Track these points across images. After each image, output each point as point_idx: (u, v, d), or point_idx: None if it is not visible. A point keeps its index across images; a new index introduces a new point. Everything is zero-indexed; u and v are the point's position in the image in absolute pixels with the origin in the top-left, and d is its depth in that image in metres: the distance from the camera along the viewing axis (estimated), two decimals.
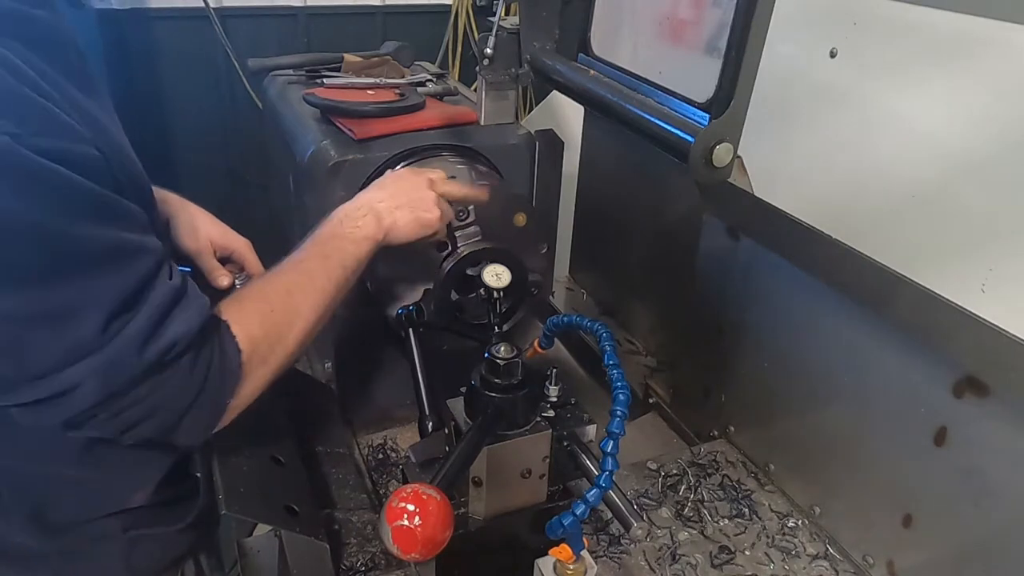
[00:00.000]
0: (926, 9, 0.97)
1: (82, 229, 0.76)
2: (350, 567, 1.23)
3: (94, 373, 0.77)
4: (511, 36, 1.64)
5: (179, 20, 2.82)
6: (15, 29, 0.78)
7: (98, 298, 0.77)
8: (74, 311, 0.76)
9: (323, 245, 1.09)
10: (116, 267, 0.79)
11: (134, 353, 0.79)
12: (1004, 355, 0.89)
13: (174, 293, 0.84)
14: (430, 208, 1.20)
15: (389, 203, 1.17)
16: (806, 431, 1.31)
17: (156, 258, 0.84)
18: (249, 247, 1.30)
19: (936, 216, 0.98)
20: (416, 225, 1.18)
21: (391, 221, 1.15)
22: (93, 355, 0.77)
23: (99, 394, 0.79)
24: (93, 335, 0.77)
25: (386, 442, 1.62)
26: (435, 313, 1.38)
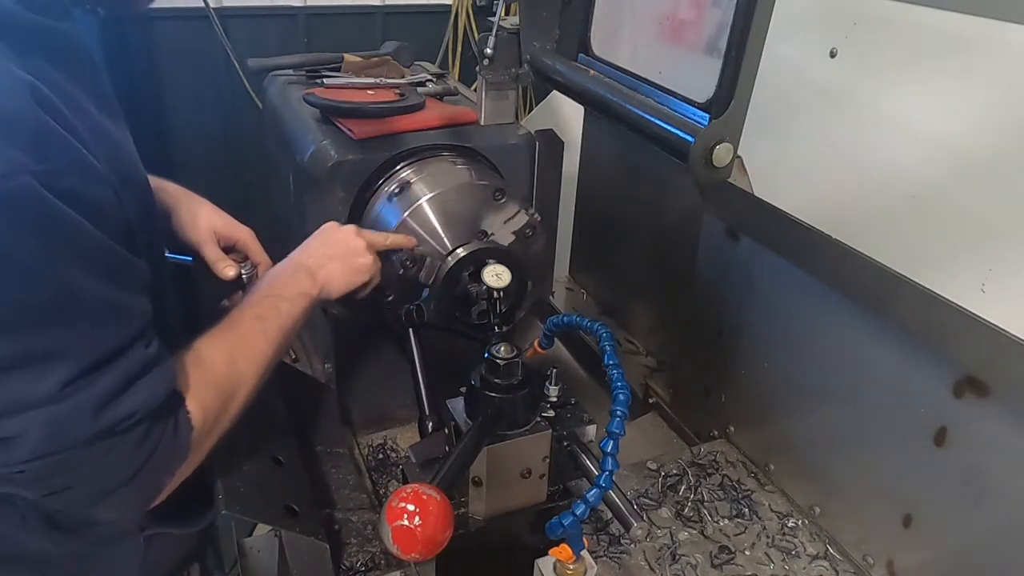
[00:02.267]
0: (926, 9, 0.97)
1: (80, 280, 0.74)
2: (350, 567, 1.23)
3: (41, 426, 0.73)
4: (511, 36, 1.64)
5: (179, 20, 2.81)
6: (40, 45, 0.77)
7: (70, 352, 0.74)
8: (42, 361, 0.73)
9: (258, 307, 1.07)
10: (100, 324, 0.77)
11: (88, 416, 0.75)
12: (1004, 355, 0.89)
13: (147, 362, 0.81)
14: (361, 254, 1.22)
15: (319, 258, 1.18)
16: (806, 431, 1.31)
17: (141, 323, 0.82)
18: (252, 236, 1.30)
19: (936, 216, 0.98)
20: (350, 273, 1.20)
21: (324, 274, 1.16)
22: (45, 407, 0.73)
23: (39, 450, 0.74)
24: (55, 388, 0.73)
25: (386, 442, 1.62)
26: (435, 313, 1.38)
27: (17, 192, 0.68)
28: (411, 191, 1.45)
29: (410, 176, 1.49)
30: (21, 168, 0.68)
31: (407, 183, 1.47)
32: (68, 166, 0.73)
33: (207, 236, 1.25)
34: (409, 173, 1.50)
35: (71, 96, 0.78)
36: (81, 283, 0.74)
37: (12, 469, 0.76)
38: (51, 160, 0.71)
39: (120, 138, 0.90)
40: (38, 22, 0.78)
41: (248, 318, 1.04)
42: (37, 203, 0.69)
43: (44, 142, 0.71)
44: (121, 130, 0.91)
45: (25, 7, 0.76)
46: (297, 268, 1.16)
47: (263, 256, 1.31)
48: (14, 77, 0.71)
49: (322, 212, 1.50)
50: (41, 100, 0.72)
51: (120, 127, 0.91)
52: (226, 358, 0.96)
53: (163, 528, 1.07)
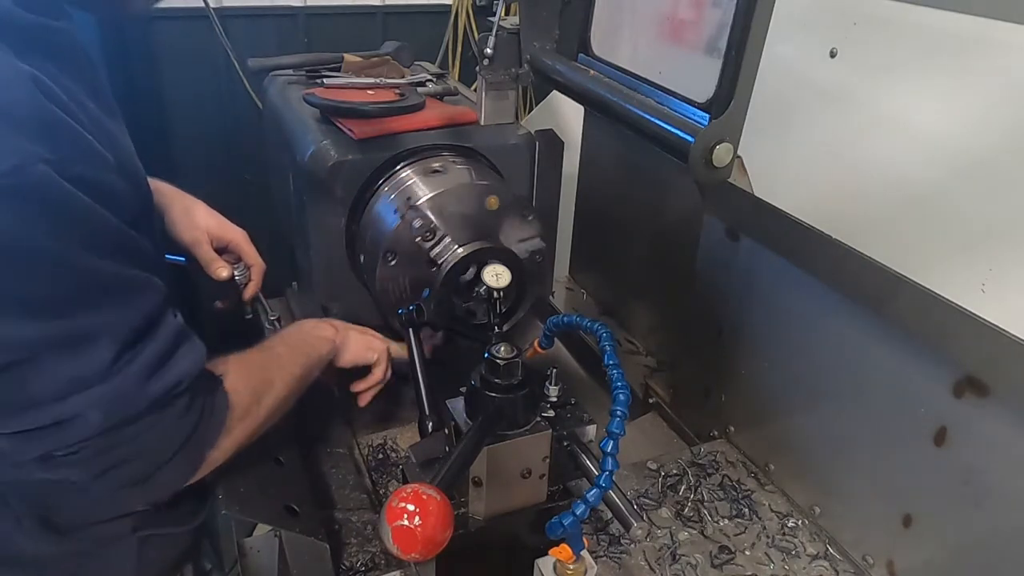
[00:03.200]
0: (926, 9, 0.97)
1: (100, 262, 0.77)
2: (350, 567, 1.23)
3: (98, 403, 0.77)
4: (511, 36, 1.64)
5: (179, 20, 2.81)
6: (38, 44, 0.78)
7: (109, 330, 0.78)
8: (87, 341, 0.76)
9: (289, 338, 1.18)
10: (128, 300, 0.80)
11: (140, 386, 0.80)
12: (1004, 355, 0.89)
13: (179, 331, 0.86)
14: (379, 339, 1.36)
15: (342, 324, 1.32)
16: (806, 431, 1.31)
17: (162, 295, 0.85)
18: (246, 238, 1.31)
19: (936, 216, 0.98)
20: (365, 347, 1.32)
21: (344, 335, 1.29)
22: (99, 385, 0.77)
23: (99, 426, 0.78)
24: (102, 366, 0.77)
25: (386, 442, 1.62)
26: (435, 313, 1.38)
27: (34, 182, 0.69)
28: (411, 191, 1.45)
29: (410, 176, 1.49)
30: (35, 158, 0.69)
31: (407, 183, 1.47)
32: (77, 154, 0.75)
33: (201, 237, 1.26)
34: (409, 173, 1.50)
35: (71, 91, 0.79)
36: (102, 264, 0.77)
37: (69, 451, 0.79)
38: (61, 149, 0.72)
39: (118, 135, 0.91)
40: (36, 21, 0.79)
41: (280, 344, 1.14)
42: (54, 191, 0.71)
43: (53, 131, 0.72)
44: (119, 127, 0.92)
45: (23, 7, 0.77)
46: (323, 323, 1.29)
47: (256, 258, 1.32)
48: (16, 70, 0.72)
49: (322, 212, 1.50)
50: (45, 91, 0.73)
51: (118, 124, 0.92)
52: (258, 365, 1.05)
53: (157, 528, 1.07)
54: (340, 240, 1.53)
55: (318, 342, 1.21)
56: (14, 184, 0.68)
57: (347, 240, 1.54)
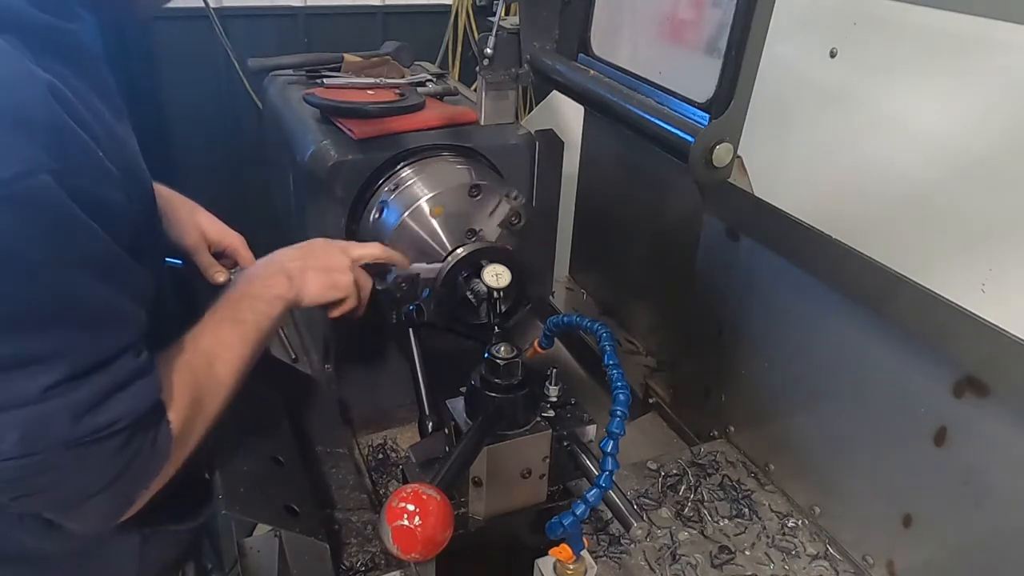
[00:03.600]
0: (926, 9, 0.97)
1: (84, 284, 0.74)
2: (350, 567, 1.23)
3: (18, 426, 0.73)
4: (511, 36, 1.64)
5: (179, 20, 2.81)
6: (53, 45, 0.77)
7: (62, 356, 0.74)
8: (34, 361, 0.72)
9: (235, 307, 1.06)
10: (96, 330, 0.77)
11: (67, 420, 0.74)
12: (1004, 355, 0.89)
13: (135, 371, 0.80)
14: (343, 271, 1.19)
15: (300, 263, 1.16)
16: (806, 431, 1.31)
17: (136, 333, 0.81)
18: (243, 243, 1.30)
19: (936, 216, 0.98)
20: (327, 286, 1.17)
21: (301, 281, 1.14)
22: (23, 408, 0.72)
23: (16, 450, 0.73)
24: (36, 390, 0.72)
25: (386, 442, 1.62)
26: (435, 313, 1.38)
27: (34, 191, 0.68)
28: (410, 191, 1.45)
29: (409, 176, 1.49)
30: (40, 166, 0.68)
31: (406, 183, 1.47)
32: (83, 166, 0.73)
33: (199, 241, 1.25)
34: (409, 173, 1.50)
35: (84, 96, 0.79)
36: (84, 287, 0.74)
37: None
38: (68, 159, 0.71)
39: (125, 138, 0.90)
40: (50, 23, 0.78)
41: (227, 320, 1.04)
42: (52, 203, 0.69)
43: (62, 141, 0.71)
44: (126, 130, 0.92)
45: (38, 8, 0.76)
46: (276, 271, 1.14)
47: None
48: (34, 76, 0.71)
49: (322, 212, 1.50)
50: (60, 99, 0.72)
51: (125, 127, 0.92)
52: (204, 363, 0.96)
53: (160, 526, 1.07)
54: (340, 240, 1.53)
55: (271, 303, 1.09)
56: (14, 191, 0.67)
57: (347, 240, 1.54)
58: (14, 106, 0.69)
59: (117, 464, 0.81)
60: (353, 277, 1.20)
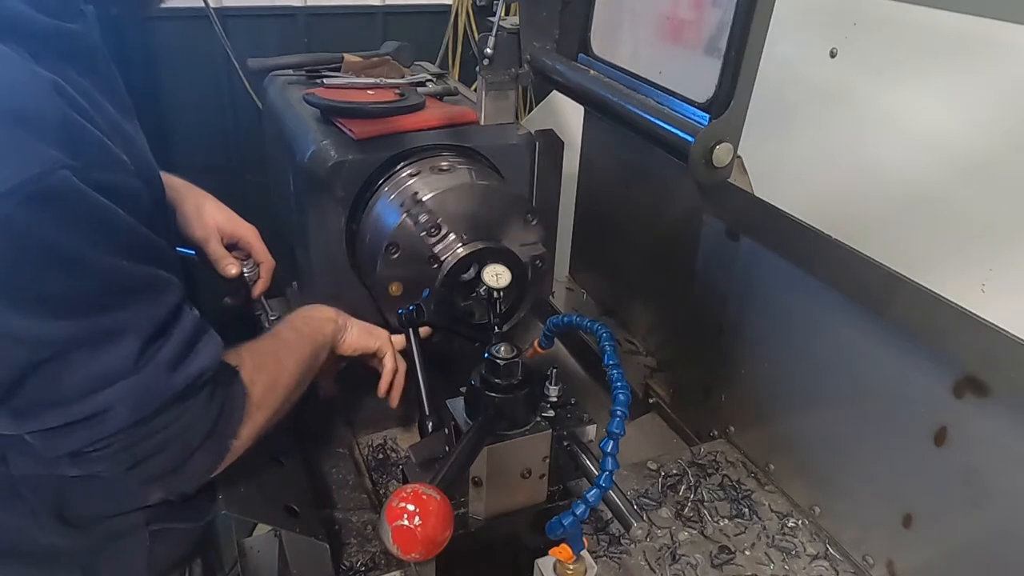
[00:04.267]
0: (926, 9, 0.97)
1: (121, 262, 0.79)
2: (350, 567, 1.23)
3: (127, 396, 0.79)
4: (511, 36, 1.64)
5: (179, 20, 2.81)
6: (56, 47, 0.79)
7: (134, 326, 0.80)
8: (111, 338, 0.78)
9: (293, 322, 1.19)
10: (149, 297, 0.83)
11: (165, 378, 0.82)
12: (1004, 355, 0.89)
13: (198, 324, 0.88)
14: (379, 329, 1.34)
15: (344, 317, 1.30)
16: (806, 431, 1.31)
17: (180, 291, 0.88)
18: (256, 235, 1.31)
19: (936, 216, 0.99)
20: (366, 331, 1.31)
21: (345, 320, 1.28)
22: (127, 379, 0.79)
23: (128, 418, 0.80)
24: (129, 361, 0.79)
25: (386, 442, 1.62)
26: (435, 313, 1.38)
27: (57, 187, 0.71)
28: (411, 191, 1.45)
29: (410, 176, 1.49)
30: (58, 164, 0.71)
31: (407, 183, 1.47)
32: (97, 159, 0.77)
33: (211, 233, 1.26)
34: (409, 173, 1.50)
35: (89, 94, 0.81)
36: (123, 264, 0.79)
37: (99, 445, 0.81)
38: (82, 154, 0.74)
39: (134, 135, 0.92)
40: (53, 25, 0.80)
41: (287, 329, 1.15)
42: (76, 196, 0.73)
43: (74, 137, 0.74)
44: (134, 127, 0.94)
45: (39, 10, 0.77)
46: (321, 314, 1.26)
47: (266, 255, 1.32)
48: (38, 76, 0.73)
49: (322, 212, 1.50)
50: (65, 97, 0.75)
51: (133, 124, 0.94)
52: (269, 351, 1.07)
53: (169, 523, 1.08)
54: (340, 240, 1.53)
55: (322, 324, 1.22)
56: (38, 190, 0.70)
57: (347, 240, 1.54)
58: (22, 108, 0.71)
59: (209, 416, 0.89)
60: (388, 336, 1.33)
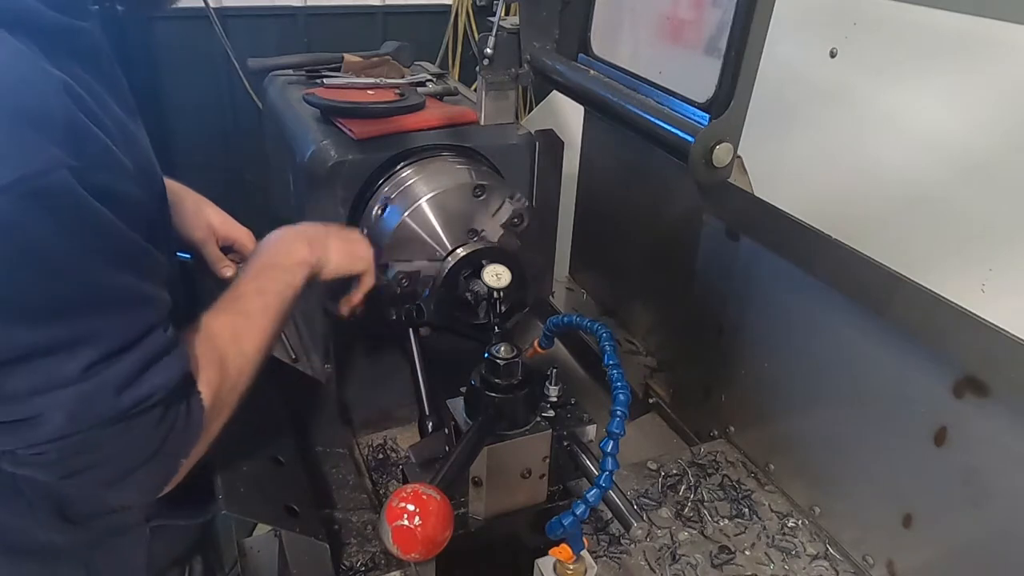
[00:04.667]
0: (926, 9, 0.97)
1: (106, 271, 0.77)
2: (350, 567, 1.23)
3: (64, 406, 0.76)
4: (511, 36, 1.64)
5: (179, 20, 2.81)
6: (66, 44, 0.78)
7: (97, 338, 0.77)
8: (70, 345, 0.75)
9: (258, 279, 1.08)
10: (124, 312, 0.80)
11: (110, 395, 0.78)
12: (1004, 355, 0.89)
13: (164, 345, 0.84)
14: (361, 245, 1.22)
15: (320, 232, 1.19)
16: (806, 431, 1.31)
17: (161, 312, 0.85)
18: (251, 237, 1.30)
19: (936, 216, 0.99)
20: (348, 256, 1.20)
21: (323, 246, 1.16)
22: (67, 388, 0.76)
23: (63, 429, 0.77)
24: (76, 370, 0.76)
25: (386, 442, 1.62)
26: (435, 313, 1.38)
27: (54, 187, 0.70)
28: (411, 191, 1.45)
29: (410, 176, 1.49)
30: (59, 163, 0.70)
31: (407, 183, 1.47)
32: (100, 162, 0.76)
33: (207, 235, 1.26)
34: (409, 173, 1.50)
35: (97, 94, 0.80)
36: (109, 275, 0.77)
37: (33, 451, 0.78)
38: (85, 156, 0.73)
39: (138, 136, 0.91)
40: (62, 22, 0.79)
41: (249, 292, 1.05)
42: (72, 198, 0.71)
43: (78, 138, 0.73)
44: (138, 127, 0.93)
45: (49, 7, 0.77)
46: (296, 237, 1.16)
47: None
48: (48, 75, 0.72)
49: (322, 212, 1.50)
50: (74, 97, 0.74)
51: (137, 125, 0.93)
52: (230, 337, 0.98)
53: (169, 519, 1.08)
54: None
55: (293, 271, 1.10)
56: (35, 188, 0.69)
57: None
58: (30, 105, 0.70)
59: (157, 436, 0.84)
60: (371, 254, 1.22)
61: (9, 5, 0.73)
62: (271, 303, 1.05)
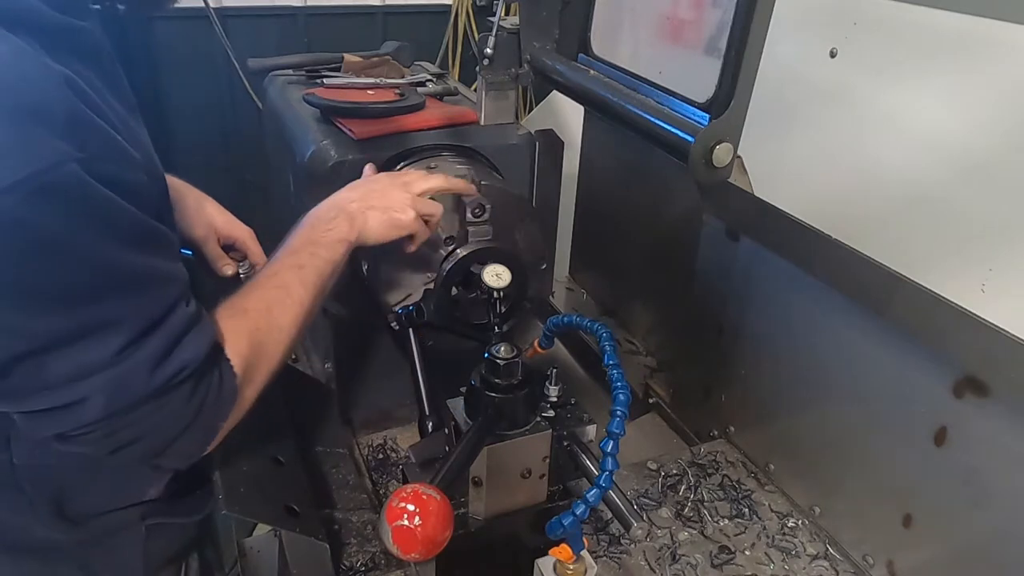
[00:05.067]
0: (926, 9, 0.97)
1: (124, 256, 0.79)
2: (350, 567, 1.23)
3: (102, 389, 0.79)
4: (511, 36, 1.64)
5: (179, 20, 2.81)
6: (66, 43, 0.79)
7: (125, 320, 0.80)
8: (99, 330, 0.78)
9: (296, 254, 1.09)
10: (146, 293, 0.83)
11: (144, 375, 0.82)
12: (1004, 355, 0.89)
13: (189, 320, 0.87)
14: (403, 209, 1.20)
15: (360, 204, 1.18)
16: (806, 431, 1.31)
17: (181, 287, 0.87)
18: (252, 236, 1.31)
19: (936, 216, 0.99)
20: (388, 225, 1.19)
21: (362, 221, 1.16)
22: (104, 372, 0.79)
23: (103, 410, 0.81)
24: (110, 354, 0.79)
25: (386, 442, 1.62)
26: (435, 313, 1.38)
27: (66, 180, 0.71)
28: None
29: None
30: (67, 157, 0.71)
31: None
32: (106, 153, 0.77)
33: (209, 233, 1.27)
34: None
35: (99, 90, 0.81)
36: (128, 259, 0.79)
37: (81, 431, 0.82)
38: (92, 148, 0.74)
39: (140, 133, 0.93)
40: (63, 21, 0.80)
41: (287, 267, 1.06)
42: (84, 189, 0.73)
43: (83, 130, 0.74)
44: (139, 126, 0.94)
45: (50, 6, 0.78)
46: (337, 212, 1.16)
47: (262, 256, 1.32)
48: (49, 70, 0.73)
49: None
50: (77, 91, 0.75)
51: (138, 122, 0.95)
52: (264, 308, 1.00)
53: (164, 518, 1.09)
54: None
55: (332, 248, 1.11)
56: (47, 183, 0.70)
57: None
58: (34, 101, 0.71)
59: (191, 407, 0.88)
60: (415, 213, 1.21)
61: (10, 5, 0.74)
62: (308, 278, 1.06)
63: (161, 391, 0.84)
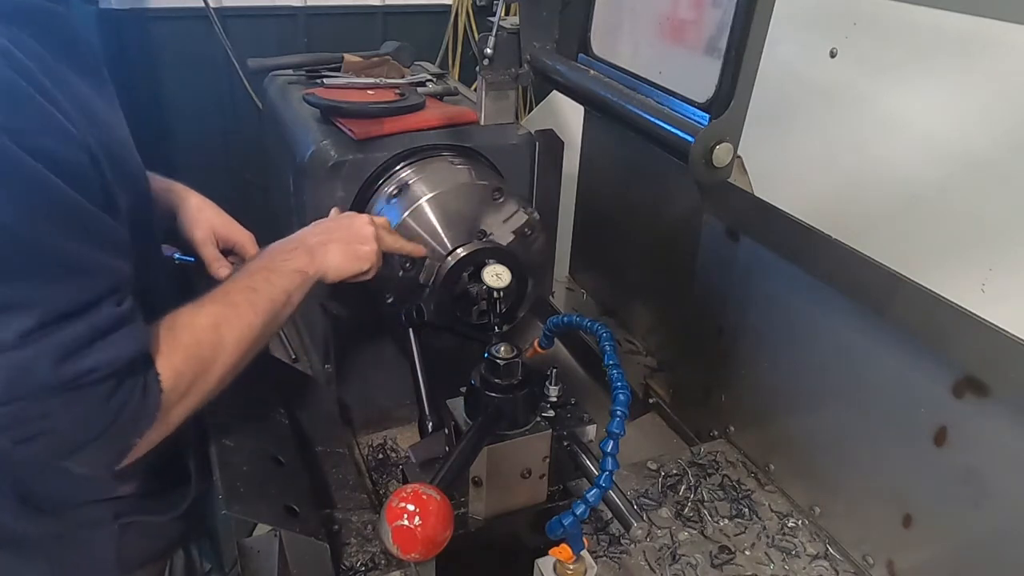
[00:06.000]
0: (926, 9, 0.97)
1: (48, 235, 0.75)
2: (350, 567, 1.23)
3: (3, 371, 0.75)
4: (511, 36, 1.64)
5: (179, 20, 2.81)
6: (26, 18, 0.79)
7: (38, 303, 0.76)
8: (9, 308, 0.75)
9: (252, 277, 1.07)
10: (67, 279, 0.78)
11: (48, 365, 0.77)
12: (1004, 355, 0.89)
13: (117, 319, 0.82)
14: (366, 241, 1.20)
15: (322, 238, 1.17)
16: (806, 431, 1.31)
17: (112, 282, 0.83)
18: (252, 240, 1.30)
19: (936, 216, 0.99)
20: (350, 258, 1.18)
21: (323, 254, 1.15)
22: (7, 353, 0.75)
23: (4, 394, 0.76)
24: (16, 335, 0.75)
25: (386, 442, 1.62)
26: (435, 313, 1.38)
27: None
28: (411, 191, 1.45)
29: (410, 176, 1.49)
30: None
31: (407, 183, 1.48)
32: (41, 126, 0.75)
33: (207, 236, 1.26)
34: (409, 173, 1.50)
35: (54, 70, 0.80)
36: (52, 239, 0.76)
37: None
38: (22, 120, 0.73)
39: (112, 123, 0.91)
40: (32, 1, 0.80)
41: (239, 288, 1.04)
42: (9, 159, 0.71)
43: (15, 102, 0.73)
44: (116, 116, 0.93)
45: None
46: (297, 245, 1.15)
47: None
48: None
49: (322, 212, 1.50)
50: (14, 64, 0.74)
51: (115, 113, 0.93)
52: (209, 325, 0.96)
53: (138, 516, 1.07)
54: None
55: (289, 277, 1.09)
56: None
57: None
58: None
59: (108, 412, 0.82)
60: (376, 245, 1.21)
61: None
62: (260, 302, 1.03)
63: (70, 385, 0.79)
